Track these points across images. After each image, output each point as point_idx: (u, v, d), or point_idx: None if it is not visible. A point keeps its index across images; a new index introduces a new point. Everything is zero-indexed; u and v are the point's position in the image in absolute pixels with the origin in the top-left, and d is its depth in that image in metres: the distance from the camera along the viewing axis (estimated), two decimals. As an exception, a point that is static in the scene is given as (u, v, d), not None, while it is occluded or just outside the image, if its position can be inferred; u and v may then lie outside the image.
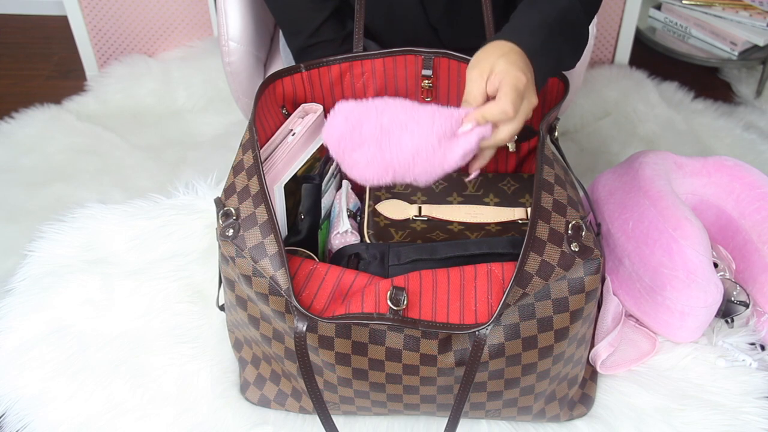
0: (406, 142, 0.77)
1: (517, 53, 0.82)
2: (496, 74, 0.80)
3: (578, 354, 0.86)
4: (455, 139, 0.79)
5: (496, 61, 0.81)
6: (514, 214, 0.99)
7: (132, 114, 1.94)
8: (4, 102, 2.01)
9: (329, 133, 0.79)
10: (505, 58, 0.81)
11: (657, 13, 2.12)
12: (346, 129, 0.78)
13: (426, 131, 0.77)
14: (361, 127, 0.78)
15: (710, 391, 0.94)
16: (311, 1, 1.08)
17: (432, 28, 1.14)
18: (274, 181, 0.91)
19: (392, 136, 0.77)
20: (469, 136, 0.79)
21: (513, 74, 0.79)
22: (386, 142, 0.78)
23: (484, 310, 0.76)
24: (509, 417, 0.90)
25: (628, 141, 1.80)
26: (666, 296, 0.94)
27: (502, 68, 0.80)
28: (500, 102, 0.78)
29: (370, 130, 0.77)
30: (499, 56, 0.81)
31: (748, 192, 1.05)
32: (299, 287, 0.79)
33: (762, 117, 1.92)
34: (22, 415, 0.94)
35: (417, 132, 0.77)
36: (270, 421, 0.94)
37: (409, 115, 0.78)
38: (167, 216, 1.18)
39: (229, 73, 1.28)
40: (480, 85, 0.81)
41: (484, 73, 0.81)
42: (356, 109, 0.79)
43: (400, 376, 0.81)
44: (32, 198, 1.65)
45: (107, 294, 1.07)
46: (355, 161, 0.79)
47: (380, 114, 0.78)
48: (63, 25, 2.18)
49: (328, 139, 0.80)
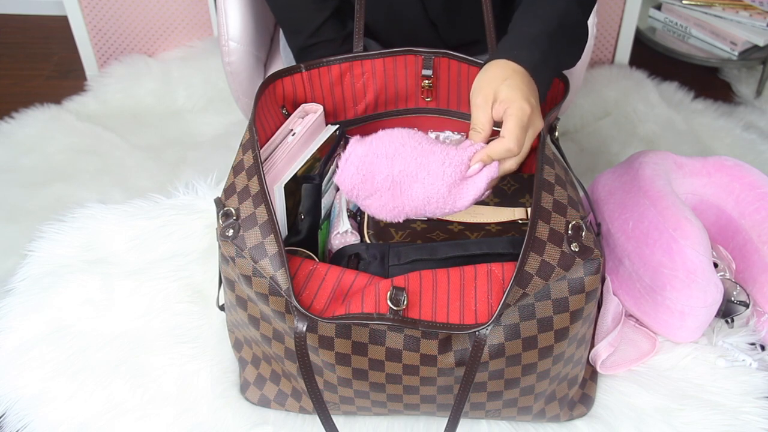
0: (417, 192, 0.80)
1: (519, 75, 0.83)
2: (501, 103, 0.81)
3: (578, 354, 0.86)
4: (465, 184, 0.81)
5: (499, 87, 0.81)
6: (514, 214, 0.99)
7: (132, 114, 1.94)
8: (4, 102, 2.01)
9: (342, 179, 0.82)
10: (507, 84, 0.81)
11: (657, 13, 2.13)
12: (358, 179, 0.81)
13: (436, 181, 0.80)
14: (372, 178, 0.80)
15: (710, 391, 0.94)
16: (312, 1, 1.09)
17: (432, 26, 1.14)
18: (274, 181, 0.91)
19: (404, 186, 0.80)
20: (478, 181, 0.81)
21: (517, 105, 0.80)
22: (398, 192, 0.81)
23: (484, 310, 0.76)
24: (509, 417, 0.90)
25: (628, 141, 1.80)
26: (666, 296, 0.94)
27: (506, 96, 0.80)
28: (504, 141, 0.80)
29: (382, 181, 0.80)
30: (501, 81, 0.82)
31: (748, 192, 1.05)
32: (299, 287, 0.79)
33: (762, 117, 1.92)
34: (22, 415, 0.94)
35: (428, 182, 0.80)
36: (270, 421, 0.94)
37: (420, 164, 0.80)
38: (167, 216, 1.18)
39: (229, 73, 1.28)
40: (486, 112, 0.82)
41: (489, 100, 0.82)
42: (367, 158, 0.80)
43: (400, 377, 0.81)
44: (32, 198, 1.65)
45: (107, 294, 1.07)
46: (368, 205, 0.83)
47: (391, 164, 0.80)
48: (63, 25, 2.18)
49: (341, 184, 0.82)
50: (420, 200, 0.80)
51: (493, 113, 0.82)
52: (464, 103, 1.08)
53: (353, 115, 1.08)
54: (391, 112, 1.10)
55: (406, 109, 1.10)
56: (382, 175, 0.80)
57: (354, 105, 1.07)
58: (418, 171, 0.80)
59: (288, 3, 1.10)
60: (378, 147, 0.81)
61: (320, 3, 1.09)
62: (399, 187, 0.80)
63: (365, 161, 0.80)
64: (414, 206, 0.81)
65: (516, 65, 0.84)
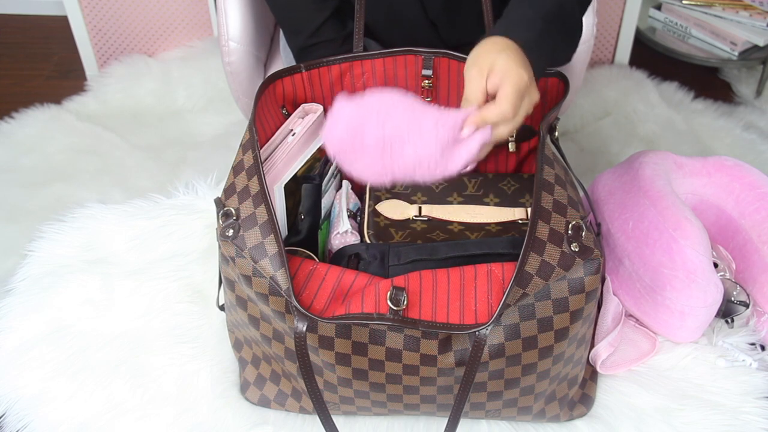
0: (408, 154, 0.76)
1: (514, 49, 0.82)
2: (497, 72, 0.79)
3: (578, 354, 0.86)
4: (457, 147, 0.78)
5: (496, 58, 0.80)
6: (514, 214, 0.99)
7: (132, 114, 1.94)
8: (4, 102, 2.01)
9: (329, 137, 0.78)
10: (504, 55, 0.80)
11: (657, 13, 2.12)
12: (347, 136, 0.77)
13: (429, 142, 0.76)
14: (362, 136, 0.76)
15: (710, 391, 0.94)
16: (312, 1, 1.09)
17: (432, 26, 1.14)
18: (274, 181, 0.91)
19: (394, 147, 0.76)
20: (470, 143, 0.78)
21: (515, 72, 0.78)
22: (388, 153, 0.77)
23: (484, 311, 0.76)
24: (509, 417, 0.90)
25: (628, 141, 1.80)
26: (666, 296, 0.94)
27: (503, 66, 0.79)
28: (500, 104, 0.78)
29: (372, 140, 0.76)
30: (498, 52, 0.80)
31: (748, 192, 1.05)
32: (299, 287, 0.79)
33: (762, 117, 1.92)
34: (22, 415, 0.94)
35: (420, 143, 0.76)
36: (270, 421, 0.94)
37: (412, 125, 0.76)
38: (167, 216, 1.18)
39: (229, 73, 1.28)
40: (480, 83, 0.80)
41: (484, 71, 0.80)
42: (357, 114, 0.77)
43: (400, 377, 0.81)
44: (32, 198, 1.65)
45: (107, 294, 1.07)
46: (355, 166, 0.79)
47: (382, 122, 0.76)
48: (63, 25, 2.18)
49: (329, 143, 0.78)
50: (411, 162, 0.76)
51: (488, 85, 0.80)
52: (464, 103, 1.08)
53: (353, 115, 1.08)
54: (391, 112, 1.10)
55: (406, 109, 1.10)
56: (372, 133, 0.76)
57: (354, 105, 1.07)
58: (410, 131, 0.76)
59: (288, 3, 1.10)
60: (369, 105, 0.77)
61: (320, 3, 1.09)
62: (390, 147, 0.76)
63: (355, 119, 0.76)
64: (404, 168, 0.77)
65: (510, 41, 0.82)
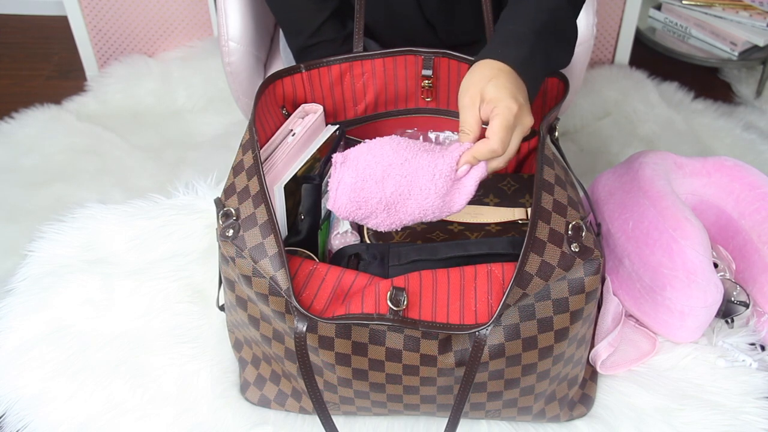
0: (412, 207, 0.82)
1: (505, 74, 0.82)
2: (488, 102, 0.80)
3: (578, 354, 0.86)
4: (456, 189, 0.82)
5: (486, 87, 0.80)
6: (514, 214, 0.99)
7: (132, 114, 1.94)
8: (4, 102, 2.01)
9: (335, 207, 0.83)
10: (494, 83, 0.80)
11: (657, 13, 2.12)
12: (351, 205, 0.82)
13: (429, 195, 0.81)
14: (366, 204, 0.82)
15: (710, 391, 0.94)
16: (312, 1, 1.09)
17: (430, 26, 1.14)
18: (274, 182, 0.91)
19: (398, 205, 0.82)
20: (467, 183, 0.82)
21: (504, 104, 0.79)
22: (393, 211, 0.82)
23: (484, 311, 0.76)
24: (509, 417, 0.90)
25: (628, 141, 1.80)
26: (666, 296, 0.94)
27: (493, 96, 0.80)
28: (489, 142, 0.79)
29: (375, 203, 0.82)
30: (487, 81, 0.81)
31: (748, 192, 1.05)
32: (299, 287, 0.79)
33: (762, 117, 1.92)
34: (22, 415, 0.94)
35: (420, 197, 0.81)
36: (270, 421, 0.94)
37: (411, 182, 0.81)
38: (167, 216, 1.18)
39: (229, 73, 1.28)
40: (473, 113, 0.81)
41: (475, 101, 0.81)
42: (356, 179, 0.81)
43: (400, 377, 0.81)
44: (32, 198, 1.65)
45: (107, 294, 1.07)
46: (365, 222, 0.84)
47: (382, 187, 0.81)
48: (63, 25, 2.18)
49: (336, 212, 0.84)
50: (416, 213, 0.82)
51: (481, 113, 0.81)
52: (464, 103, 1.08)
53: (353, 115, 1.08)
54: (391, 112, 1.10)
55: (406, 109, 1.10)
56: (375, 199, 0.81)
57: (354, 105, 1.07)
58: (411, 189, 0.81)
59: (288, 3, 1.10)
60: (366, 171, 0.81)
61: (320, 3, 1.09)
62: (394, 206, 0.82)
63: (356, 189, 0.81)
64: (411, 219, 0.83)
65: (502, 64, 0.83)
